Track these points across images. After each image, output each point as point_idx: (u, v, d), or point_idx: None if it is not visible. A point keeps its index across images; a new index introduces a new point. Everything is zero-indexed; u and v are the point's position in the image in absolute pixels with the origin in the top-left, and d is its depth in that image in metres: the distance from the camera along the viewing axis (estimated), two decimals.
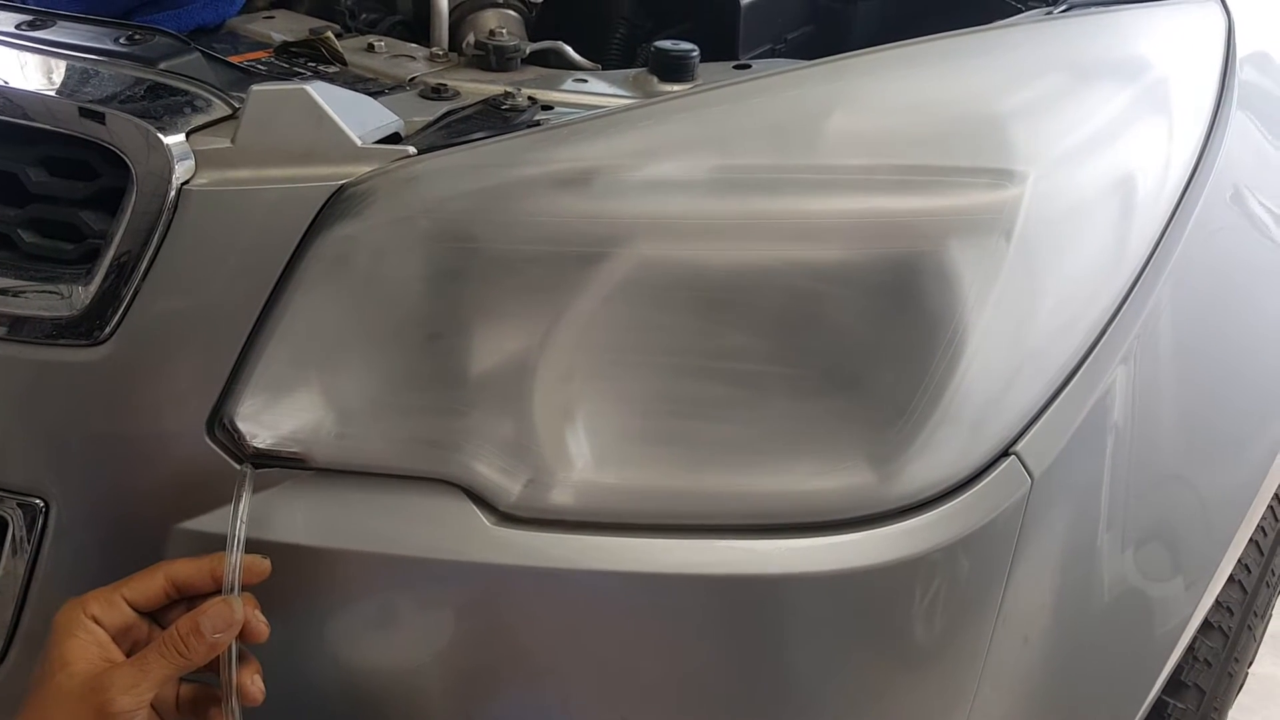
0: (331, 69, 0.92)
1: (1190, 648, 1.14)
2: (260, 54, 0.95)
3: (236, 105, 0.78)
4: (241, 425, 0.77)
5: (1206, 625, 1.16)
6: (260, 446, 0.77)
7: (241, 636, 0.72)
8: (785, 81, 0.80)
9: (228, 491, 0.76)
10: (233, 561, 0.72)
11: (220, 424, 0.77)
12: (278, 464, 0.78)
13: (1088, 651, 0.89)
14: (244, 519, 0.73)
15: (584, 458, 0.77)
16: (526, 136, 0.78)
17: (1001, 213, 0.77)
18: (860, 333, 0.76)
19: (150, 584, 0.72)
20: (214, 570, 0.72)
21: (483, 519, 0.77)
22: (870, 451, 0.76)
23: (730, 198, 0.76)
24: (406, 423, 0.78)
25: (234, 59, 0.91)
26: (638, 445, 0.77)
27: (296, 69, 0.92)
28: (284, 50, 0.96)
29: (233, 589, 0.72)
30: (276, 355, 0.76)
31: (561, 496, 0.77)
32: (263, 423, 0.77)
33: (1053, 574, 0.84)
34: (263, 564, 0.73)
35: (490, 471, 0.77)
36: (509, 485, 0.77)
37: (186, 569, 0.73)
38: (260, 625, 0.73)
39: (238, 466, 0.78)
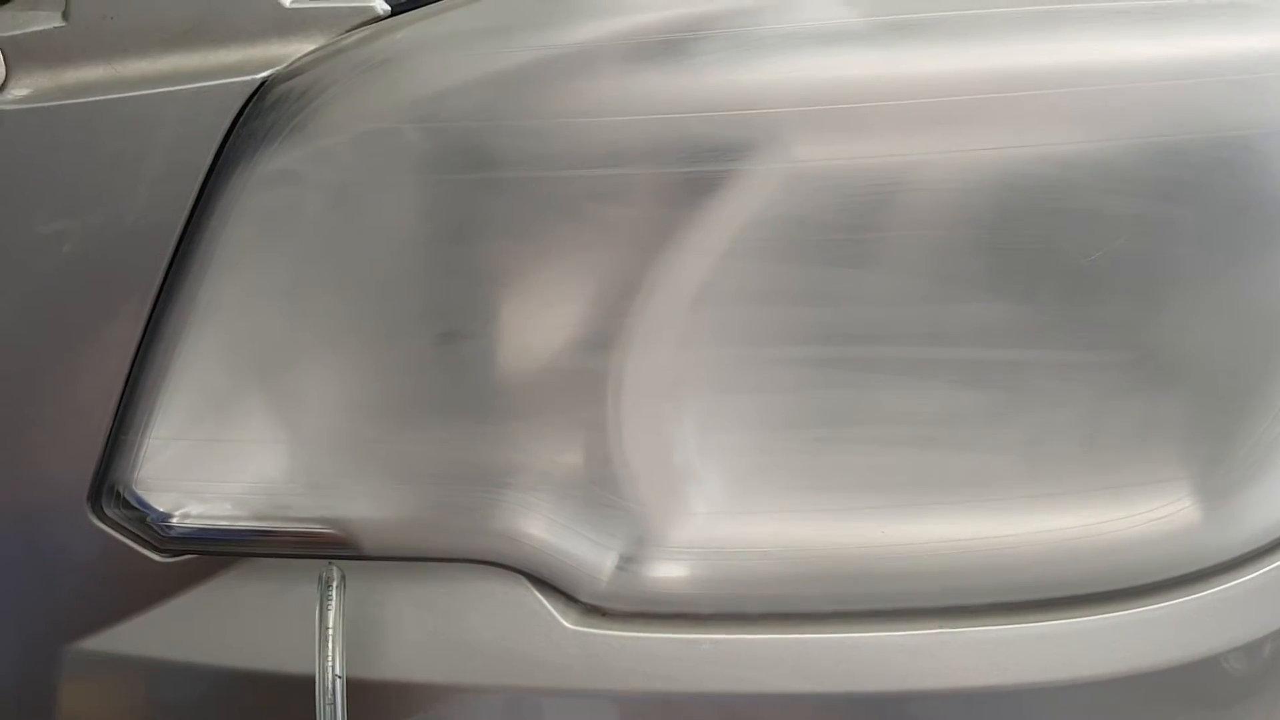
0: None
1: None
2: None
3: None
4: (144, 496, 0.49)
5: None
6: (181, 526, 0.49)
7: None
8: None
9: (142, 592, 0.52)
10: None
11: (111, 495, 0.50)
12: (207, 550, 0.51)
13: None
14: (339, 669, 0.48)
15: (714, 516, 0.48)
16: None
17: None
18: (1190, 280, 0.45)
19: None
20: None
21: (557, 617, 0.50)
22: (1211, 472, 0.48)
23: (952, 52, 0.44)
24: (413, 472, 0.50)
25: None
26: (803, 491, 0.49)
27: None
28: None
29: None
30: (184, 384, 0.49)
31: (681, 577, 0.49)
32: (178, 490, 0.51)
33: None
34: None
35: (563, 543, 0.48)
36: (595, 562, 0.48)
37: None
38: None
39: (154, 556, 0.51)
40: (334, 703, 0.48)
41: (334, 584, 0.50)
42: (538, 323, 0.48)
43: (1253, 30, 0.43)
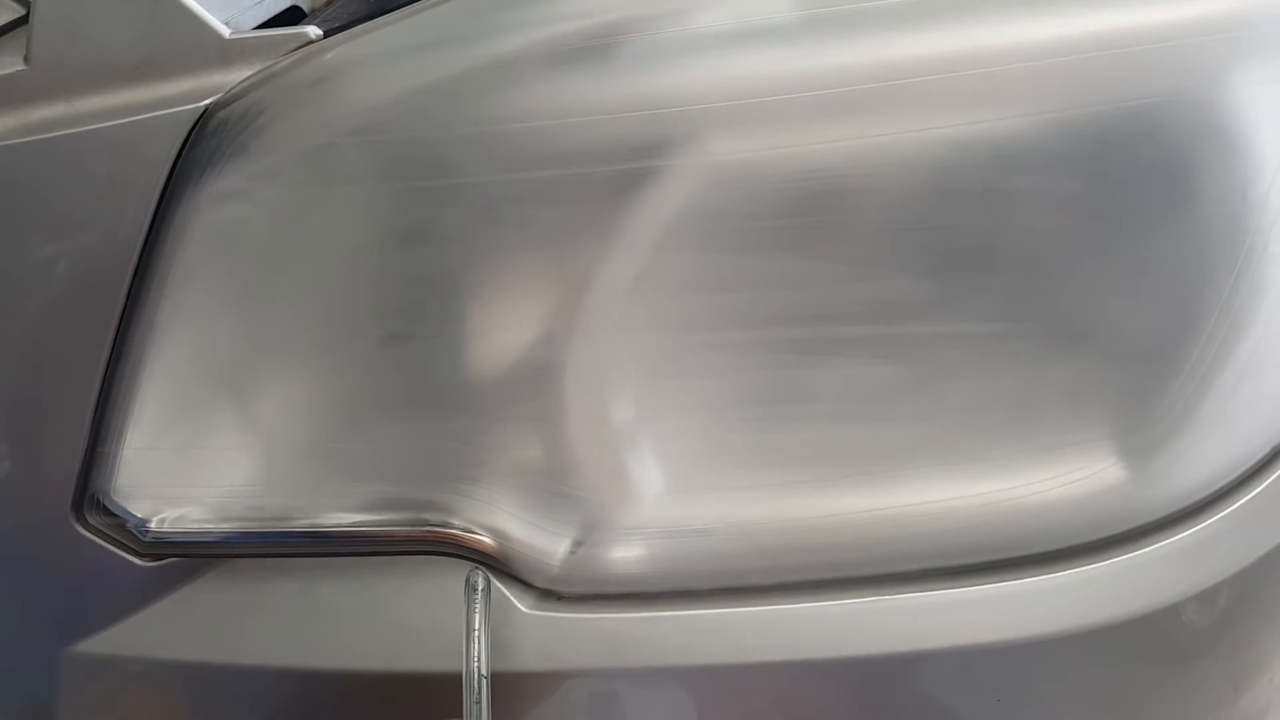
0: None
1: None
2: None
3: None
4: (123, 503, 0.51)
5: None
6: (159, 531, 0.51)
7: None
8: None
9: (127, 596, 0.54)
10: None
11: (94, 505, 0.52)
12: (186, 553, 0.53)
13: None
14: (485, 670, 0.49)
15: (659, 498, 0.50)
16: None
17: None
18: (1095, 251, 0.46)
19: None
20: None
21: (514, 602, 0.52)
22: (1129, 434, 0.48)
23: (853, 45, 0.46)
24: (370, 474, 0.51)
25: None
26: (744, 470, 0.50)
27: None
28: None
29: None
30: (154, 395, 0.51)
31: (631, 558, 0.51)
32: (154, 497, 0.53)
33: None
34: None
35: (517, 532, 0.50)
36: (548, 548, 0.50)
37: None
38: None
39: (137, 561, 0.53)
40: (480, 701, 0.49)
41: (479, 588, 0.51)
42: (480, 322, 0.49)
43: (1135, 5, 0.45)
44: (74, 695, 0.55)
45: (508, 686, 0.51)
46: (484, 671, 0.49)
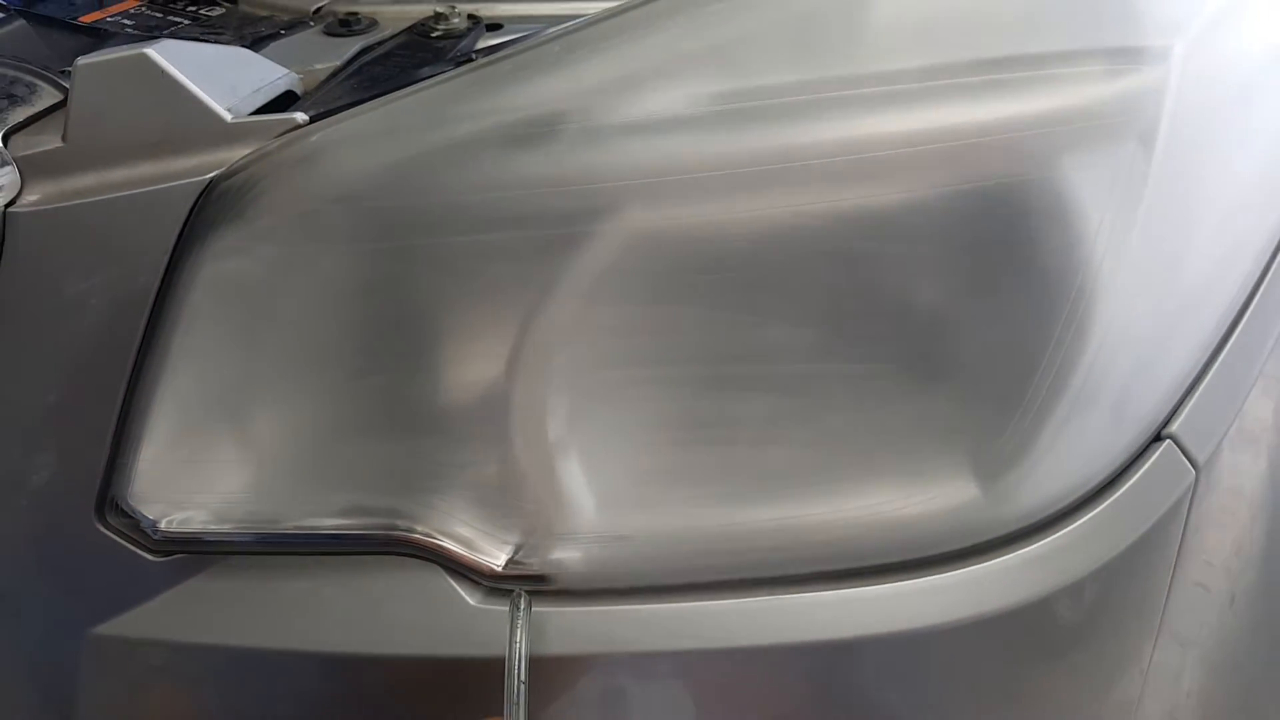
0: (215, 11, 0.71)
1: None
2: (130, 2, 0.74)
3: (68, 87, 0.57)
4: (138, 506, 0.59)
5: None
6: (168, 531, 0.59)
7: None
8: None
9: (141, 586, 0.61)
10: None
11: (113, 507, 0.59)
12: (191, 550, 0.61)
13: (1270, 679, 0.69)
14: (523, 675, 0.56)
15: (588, 508, 0.58)
16: (455, 81, 0.57)
17: (1134, 111, 0.54)
18: (945, 306, 0.54)
19: None
20: None
21: (464, 597, 0.59)
22: (975, 461, 0.56)
23: (748, 134, 0.55)
24: (346, 485, 0.59)
25: (91, 16, 0.70)
26: (659, 485, 0.58)
27: (172, 17, 0.71)
28: None
29: None
30: (166, 415, 0.58)
31: (563, 559, 0.58)
32: (164, 501, 0.60)
33: (1222, 588, 0.63)
34: None
35: (469, 534, 0.58)
36: (495, 551, 0.58)
37: None
38: None
39: (148, 556, 0.61)
40: (518, 703, 0.55)
41: (521, 607, 0.57)
42: (440, 359, 0.57)
43: (980, 103, 0.53)
44: (92, 671, 0.63)
45: (455, 670, 0.58)
46: (522, 678, 0.55)
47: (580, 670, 0.59)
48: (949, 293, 0.54)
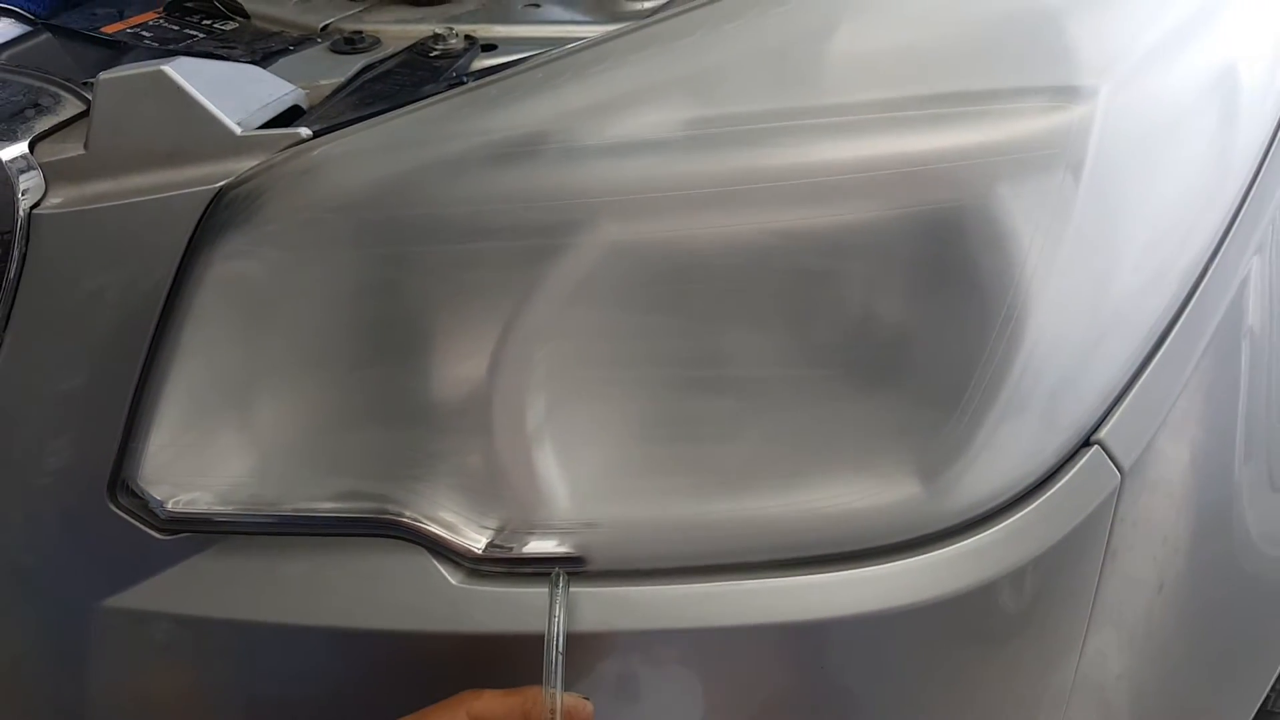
0: (229, 26, 0.76)
1: None
2: (149, 15, 0.78)
3: (90, 99, 0.62)
4: (147, 488, 0.64)
5: None
6: (174, 511, 0.64)
7: None
8: None
9: (149, 562, 0.65)
10: (551, 705, 0.58)
11: (124, 488, 0.64)
12: (195, 529, 0.65)
13: (1198, 659, 0.74)
14: (561, 647, 0.59)
15: (562, 496, 0.63)
16: (448, 102, 0.61)
17: (1065, 143, 0.59)
18: (891, 316, 0.59)
19: None
20: (526, 713, 0.58)
21: (446, 577, 0.64)
22: (916, 460, 0.61)
23: (715, 157, 0.59)
24: (340, 471, 0.64)
25: (112, 27, 0.75)
26: (628, 477, 0.62)
27: (189, 30, 0.76)
28: (175, 7, 0.79)
29: None
30: (175, 403, 0.63)
31: (541, 542, 0.63)
32: (171, 484, 0.64)
33: (1151, 578, 0.68)
34: (585, 709, 0.59)
35: (452, 519, 0.63)
36: (475, 535, 0.63)
37: (494, 708, 0.58)
38: None
39: (156, 534, 0.65)
40: (556, 673, 0.58)
41: (560, 585, 0.60)
42: (428, 355, 0.61)
43: (922, 134, 0.58)
44: (102, 641, 0.67)
45: (437, 645, 0.63)
46: (560, 649, 0.58)
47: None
48: (894, 306, 0.59)
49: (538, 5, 0.77)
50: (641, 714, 0.65)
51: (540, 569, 0.63)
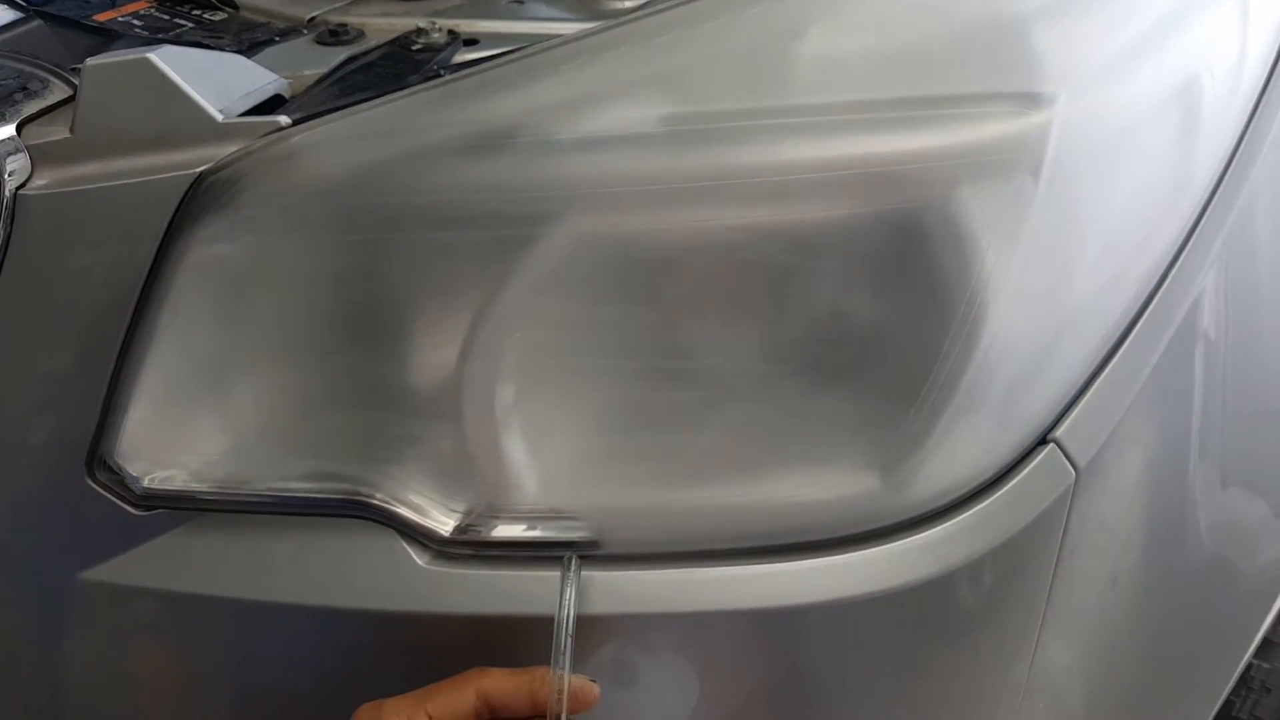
0: (218, 15, 0.77)
1: None
2: (140, 4, 0.80)
3: (77, 84, 0.63)
4: (123, 464, 0.65)
5: None
6: (150, 488, 0.66)
7: None
8: None
9: (125, 536, 0.67)
10: (559, 686, 0.59)
11: (102, 464, 0.65)
12: (170, 505, 0.67)
13: (1153, 656, 0.76)
14: (570, 629, 0.60)
15: (530, 483, 0.64)
16: (424, 93, 0.62)
17: (1024, 148, 0.60)
18: (853, 312, 0.61)
19: (459, 700, 0.59)
20: (534, 692, 0.59)
21: (414, 558, 0.65)
22: (874, 453, 0.62)
23: (686, 154, 0.60)
24: (313, 452, 0.65)
25: (104, 16, 0.76)
26: (595, 465, 0.64)
27: (178, 20, 0.77)
28: None
29: None
30: (152, 382, 0.64)
31: (505, 529, 0.65)
32: (147, 460, 0.66)
33: (1104, 574, 0.70)
34: (592, 691, 0.60)
35: (421, 502, 0.64)
36: (443, 519, 0.64)
37: (502, 686, 0.59)
38: None
39: (132, 510, 0.66)
40: (564, 653, 0.59)
41: (571, 568, 0.62)
42: (400, 341, 0.62)
43: (889, 136, 0.60)
44: (78, 613, 0.69)
45: (405, 625, 0.64)
46: (570, 631, 0.60)
47: (515, 628, 0.65)
48: (856, 303, 0.60)
49: (521, 2, 0.78)
50: (632, 699, 0.66)
51: (506, 553, 0.65)
